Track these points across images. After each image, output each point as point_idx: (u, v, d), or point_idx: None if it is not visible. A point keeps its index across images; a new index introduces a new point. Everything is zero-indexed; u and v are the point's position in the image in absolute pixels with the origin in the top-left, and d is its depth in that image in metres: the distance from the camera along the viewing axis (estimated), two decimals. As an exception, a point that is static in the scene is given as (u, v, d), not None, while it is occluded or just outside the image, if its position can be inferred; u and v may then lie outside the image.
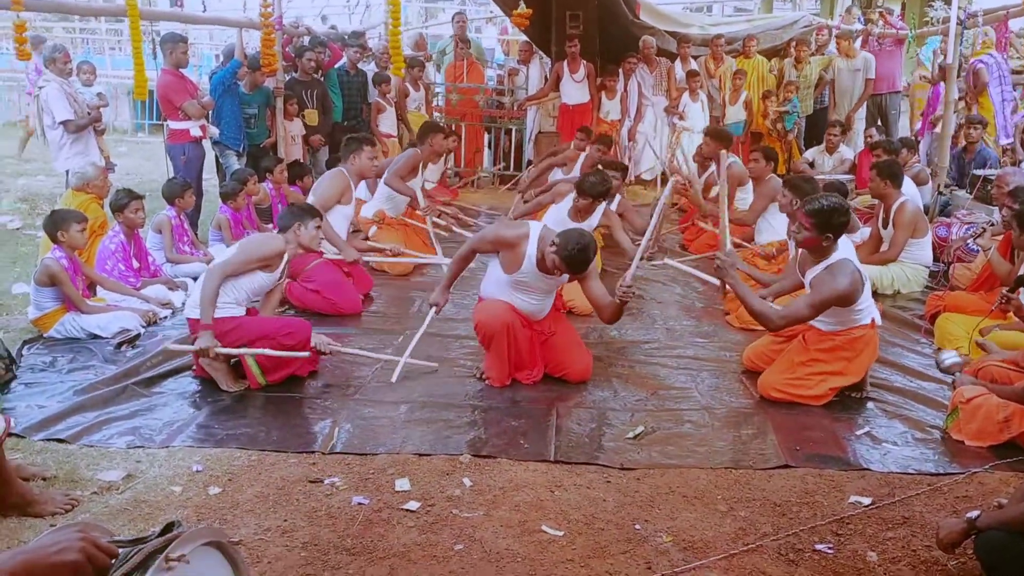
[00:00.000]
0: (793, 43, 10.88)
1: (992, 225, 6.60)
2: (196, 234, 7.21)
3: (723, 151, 7.07)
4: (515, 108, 11.04)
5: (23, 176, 11.07)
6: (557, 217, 6.00)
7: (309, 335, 4.53)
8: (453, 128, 9.93)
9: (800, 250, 4.57)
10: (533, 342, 4.60)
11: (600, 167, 6.73)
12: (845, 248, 4.31)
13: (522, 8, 9.13)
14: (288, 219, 4.69)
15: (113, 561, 1.50)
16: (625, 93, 10.76)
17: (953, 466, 3.73)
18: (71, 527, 1.51)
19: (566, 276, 4.46)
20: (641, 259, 4.79)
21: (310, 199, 6.12)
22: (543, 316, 4.68)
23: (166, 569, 1.48)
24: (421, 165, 7.37)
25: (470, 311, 5.06)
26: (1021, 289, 4.69)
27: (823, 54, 10.98)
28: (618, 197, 6.62)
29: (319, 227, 4.76)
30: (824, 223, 4.18)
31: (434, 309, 4.78)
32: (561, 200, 6.31)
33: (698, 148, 8.67)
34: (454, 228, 7.86)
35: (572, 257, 4.19)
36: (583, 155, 7.86)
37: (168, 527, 1.62)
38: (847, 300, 4.18)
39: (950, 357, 4.33)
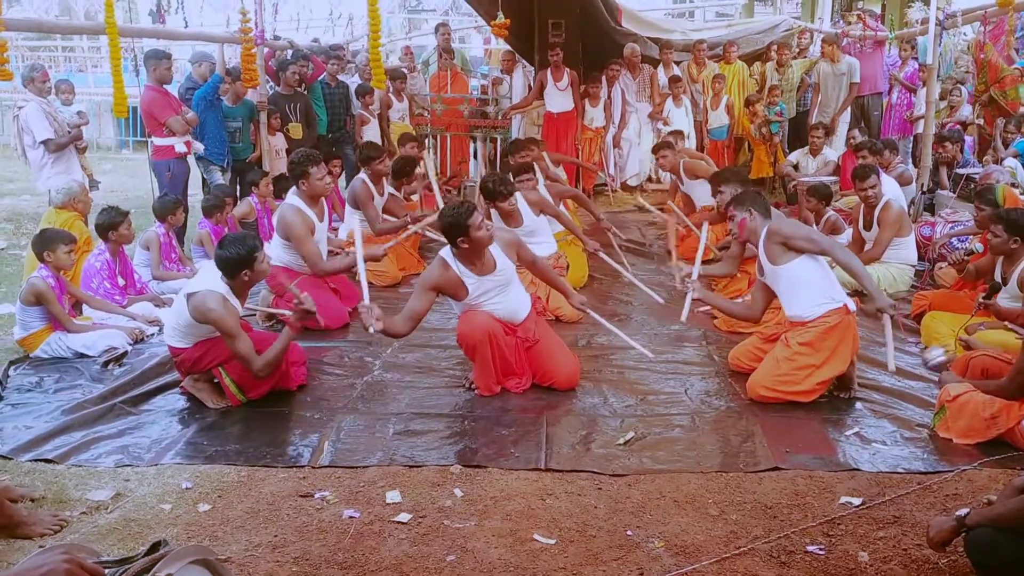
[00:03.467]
0: (774, 47, 10.95)
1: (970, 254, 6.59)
2: (183, 250, 7.19)
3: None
4: (499, 117, 11.06)
5: (7, 196, 11.04)
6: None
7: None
8: (428, 136, 9.87)
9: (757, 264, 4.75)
10: (518, 349, 4.60)
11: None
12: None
13: (501, 19, 9.16)
14: (241, 263, 4.29)
15: (99, 582, 1.49)
16: (609, 100, 10.78)
17: (942, 464, 3.74)
18: (56, 549, 1.51)
19: (511, 260, 4.60)
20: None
21: (278, 239, 5.84)
22: (524, 317, 4.67)
23: (153, 589, 1.47)
24: (374, 187, 7.08)
25: (455, 321, 5.04)
26: (997, 295, 4.77)
27: (805, 57, 11.04)
28: (541, 181, 6.73)
29: (263, 260, 4.41)
30: (739, 201, 4.73)
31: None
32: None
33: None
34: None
35: (452, 219, 4.33)
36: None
37: (155, 546, 1.61)
38: (805, 228, 4.76)
39: (937, 356, 4.37)
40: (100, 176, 10.18)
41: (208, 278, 4.33)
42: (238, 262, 4.27)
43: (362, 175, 7.14)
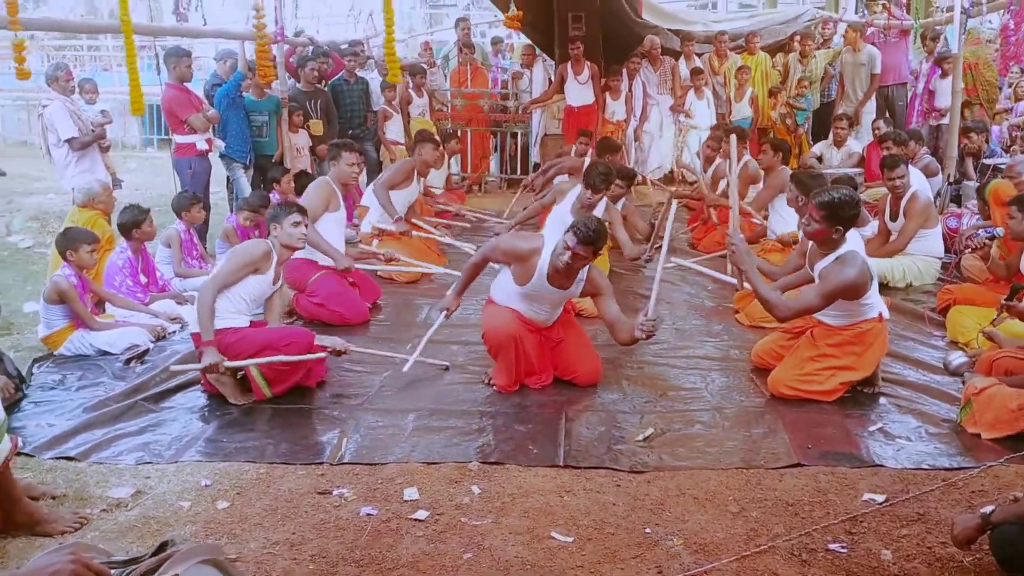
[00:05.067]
0: (797, 37, 10.84)
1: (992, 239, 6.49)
2: (205, 247, 7.23)
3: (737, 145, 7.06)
4: (519, 111, 11.03)
5: (33, 194, 11.15)
6: (559, 216, 6.02)
7: (311, 343, 4.52)
8: (457, 133, 9.93)
9: (810, 243, 4.55)
10: (542, 348, 4.58)
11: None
12: (854, 241, 4.30)
13: (513, 11, 9.17)
14: (269, 219, 4.69)
15: (106, 583, 1.48)
16: (630, 93, 10.72)
17: (968, 460, 3.68)
18: (64, 549, 1.51)
19: (576, 291, 4.49)
20: (646, 261, 4.88)
21: None
22: (551, 324, 4.66)
23: (159, 589, 1.47)
24: (416, 174, 7.32)
25: (478, 316, 5.04)
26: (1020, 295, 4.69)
27: (829, 47, 10.92)
28: (623, 201, 6.62)
29: (297, 223, 4.59)
30: (833, 215, 4.16)
31: (444, 313, 4.78)
32: (563, 199, 6.29)
33: (704, 143, 8.62)
34: (449, 240, 7.68)
35: (587, 237, 4.20)
36: (587, 160, 7.86)
37: (163, 546, 1.60)
38: (855, 291, 4.15)
39: (957, 358, 4.30)
40: (125, 174, 10.28)
41: None
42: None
43: (411, 160, 7.44)
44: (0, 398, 3.21)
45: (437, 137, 8.32)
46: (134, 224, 5.86)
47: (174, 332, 5.57)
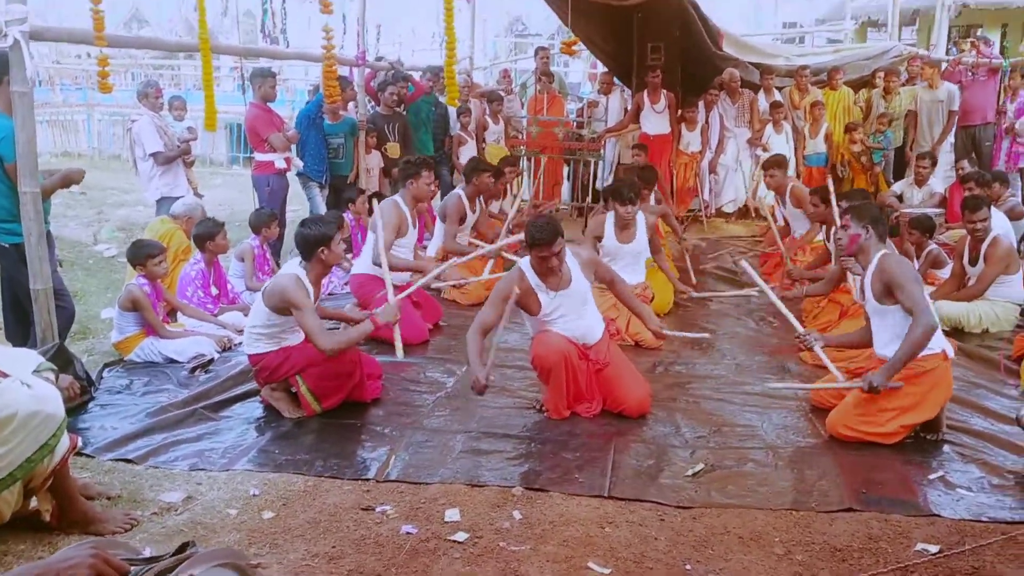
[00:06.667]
0: (881, 73, 10.60)
1: None
2: (278, 263, 7.40)
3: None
4: (594, 140, 11.03)
5: (122, 206, 11.57)
6: (608, 243, 6.21)
7: (357, 358, 4.62)
8: (525, 158, 9.98)
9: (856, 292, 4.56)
10: (589, 372, 4.56)
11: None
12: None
13: (569, 36, 9.27)
14: (308, 248, 4.54)
15: (124, 579, 1.53)
16: (706, 124, 10.64)
17: (1031, 515, 3.52)
18: (87, 544, 1.56)
19: (582, 276, 4.57)
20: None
21: (370, 248, 6.09)
22: (596, 339, 4.65)
23: (174, 589, 1.51)
24: (468, 203, 7.25)
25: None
26: None
27: (915, 84, 10.67)
28: (653, 203, 6.81)
29: (339, 243, 4.63)
30: (859, 215, 4.43)
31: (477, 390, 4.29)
32: (601, 229, 6.28)
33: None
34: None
35: (534, 232, 4.37)
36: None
37: (182, 547, 1.65)
38: (915, 277, 4.26)
39: None
40: (210, 190, 10.64)
41: (285, 269, 4.61)
42: (316, 240, 4.49)
43: (459, 190, 7.31)
44: (63, 398, 3.31)
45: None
46: (208, 236, 6.06)
47: (240, 343, 5.70)
